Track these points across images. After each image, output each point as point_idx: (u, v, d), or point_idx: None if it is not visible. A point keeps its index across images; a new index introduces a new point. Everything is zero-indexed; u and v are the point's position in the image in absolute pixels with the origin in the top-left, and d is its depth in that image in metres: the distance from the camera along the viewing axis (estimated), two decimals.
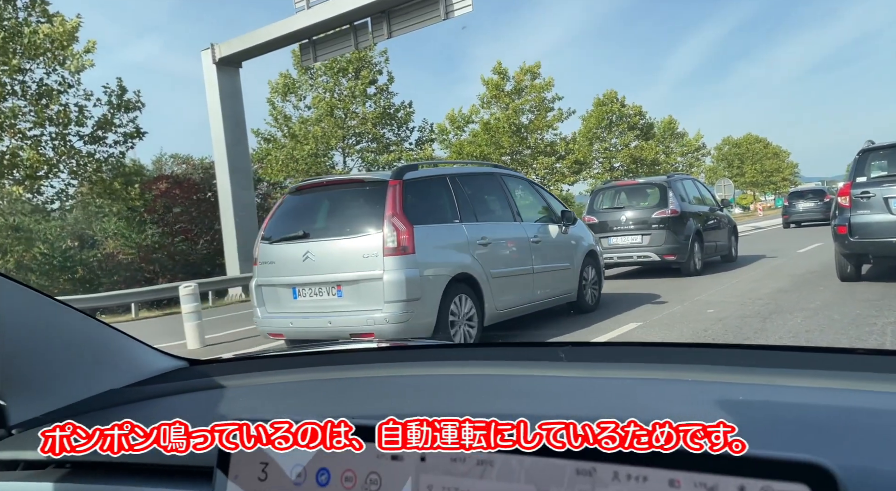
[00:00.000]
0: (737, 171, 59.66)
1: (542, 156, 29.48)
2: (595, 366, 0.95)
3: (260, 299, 5.49)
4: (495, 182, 6.15)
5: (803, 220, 22.38)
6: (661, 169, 38.41)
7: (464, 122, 30.25)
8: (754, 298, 6.80)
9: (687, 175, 11.49)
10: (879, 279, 7.42)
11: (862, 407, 0.70)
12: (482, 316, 5.41)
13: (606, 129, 37.92)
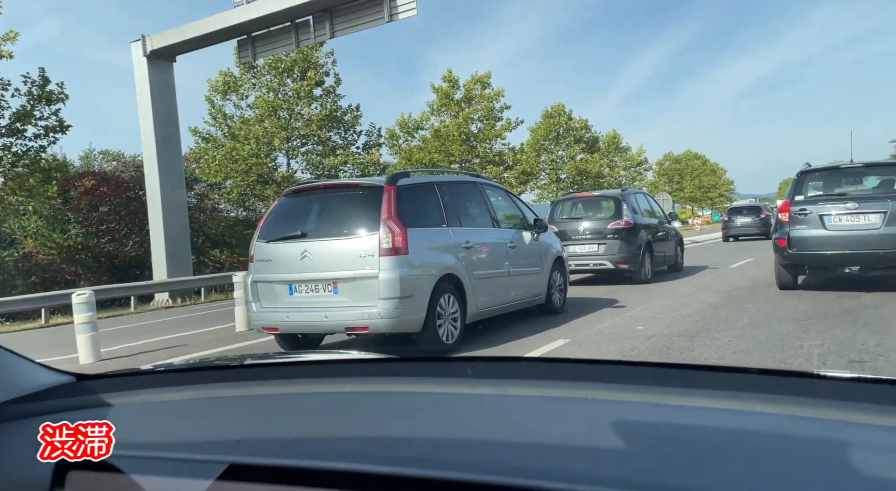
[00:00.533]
0: (676, 186, 63.27)
1: (491, 165, 30.57)
2: (502, 383, 0.97)
3: (255, 295, 6.02)
4: (476, 190, 6.90)
5: (741, 234, 24.66)
6: (605, 182, 40.47)
7: (414, 127, 31.25)
8: (684, 314, 6.95)
9: (639, 189, 12.73)
10: (814, 288, 8.63)
11: (747, 429, 0.73)
12: (465, 314, 6.12)
13: (554, 142, 39.92)
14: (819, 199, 8.15)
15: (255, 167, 25.73)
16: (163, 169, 17.13)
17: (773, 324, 6.10)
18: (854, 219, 7.79)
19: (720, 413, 0.80)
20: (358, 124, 27.96)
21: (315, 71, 26.47)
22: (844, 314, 6.44)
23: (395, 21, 14.53)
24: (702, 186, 67.45)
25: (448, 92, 30.69)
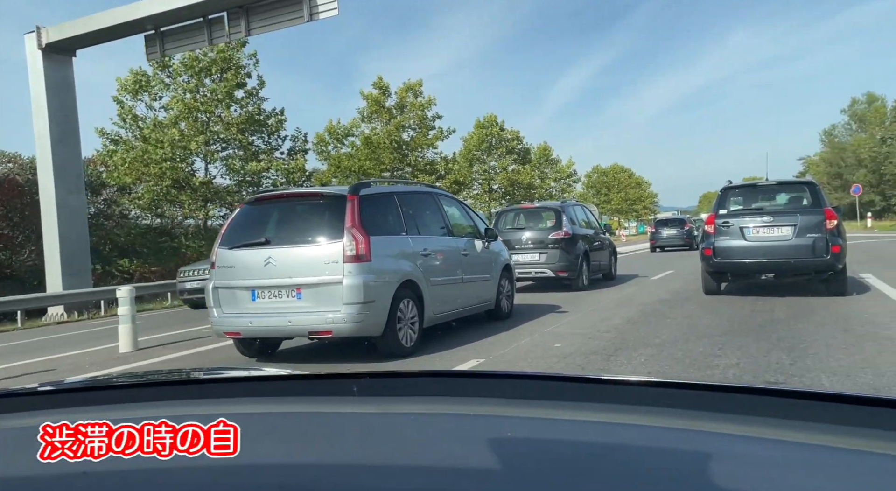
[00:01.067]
0: (604, 198, 66.17)
1: (422, 174, 31.12)
2: (388, 400, 0.97)
3: (216, 301, 6.35)
4: (432, 200, 7.48)
5: (667, 245, 26.96)
6: (536, 193, 41.90)
7: (343, 134, 31.50)
8: (602, 330, 7.03)
9: (576, 201, 13.80)
10: (731, 300, 9.70)
11: (620, 443, 0.77)
12: (422, 319, 6.66)
13: (486, 152, 41.25)
14: (740, 212, 9.27)
15: (170, 172, 25.13)
16: (59, 171, 16.45)
17: (691, 341, 6.14)
18: (769, 231, 8.91)
19: (601, 427, 0.83)
20: (282, 129, 27.91)
21: (235, 72, 26.16)
22: (759, 330, 6.54)
23: (315, 20, 14.32)
24: (628, 198, 71.25)
25: (378, 99, 31.14)
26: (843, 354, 5.28)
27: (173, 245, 26.29)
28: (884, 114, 57.30)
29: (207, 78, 26.19)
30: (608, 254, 13.46)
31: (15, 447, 0.89)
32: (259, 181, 27.02)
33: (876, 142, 53.98)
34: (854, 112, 61.97)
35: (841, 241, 8.71)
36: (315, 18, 14.45)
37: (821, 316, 7.25)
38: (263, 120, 27.21)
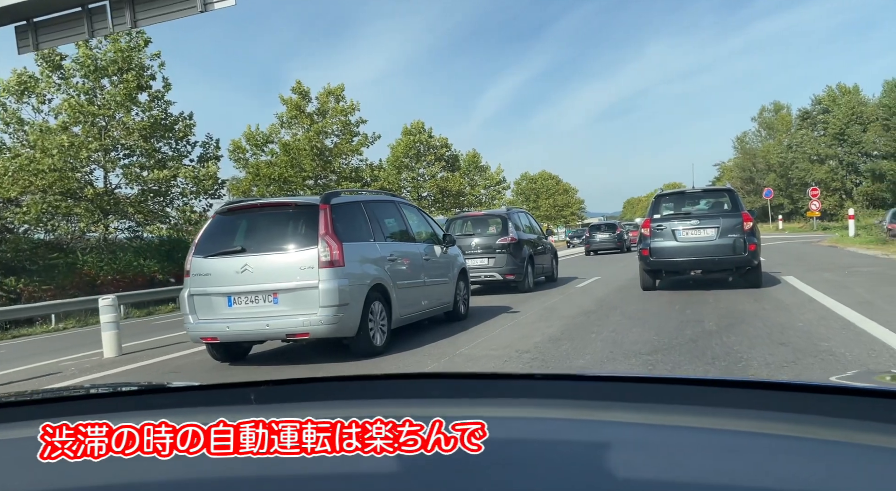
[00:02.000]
0: (533, 204, 67.96)
1: (347, 181, 30.63)
2: (287, 407, 0.99)
3: (191, 307, 6.62)
4: (395, 208, 7.98)
5: (600, 249, 29.14)
6: (465, 200, 42.56)
7: (262, 141, 30.82)
8: (521, 350, 6.52)
9: (520, 209, 14.75)
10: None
11: (525, 437, 0.82)
12: (391, 320, 7.10)
13: (414, 159, 41.52)
14: (671, 217, 10.65)
15: (59, 182, 23.13)
16: None
17: (619, 360, 5.85)
18: (697, 233, 10.26)
19: (509, 422, 0.87)
20: (191, 134, 25.93)
21: (137, 73, 24.37)
22: (691, 345, 6.17)
23: (209, 11, 13.07)
24: (556, 205, 73.98)
25: (298, 104, 30.53)
26: (788, 375, 4.88)
27: (68, 261, 23.25)
28: (789, 122, 61.71)
29: (105, 79, 24.47)
30: (550, 258, 14.53)
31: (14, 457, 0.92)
32: (167, 191, 25.40)
33: (783, 148, 57.90)
34: (763, 120, 66.52)
35: (756, 240, 10.12)
36: (209, 9, 12.62)
37: (754, 327, 6.81)
38: (170, 125, 25.35)
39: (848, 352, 5.38)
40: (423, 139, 41.73)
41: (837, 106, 51.63)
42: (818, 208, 38.24)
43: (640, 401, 0.92)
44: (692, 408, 0.89)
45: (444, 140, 42.91)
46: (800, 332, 6.42)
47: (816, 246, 23.40)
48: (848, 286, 9.77)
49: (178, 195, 25.61)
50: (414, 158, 41.82)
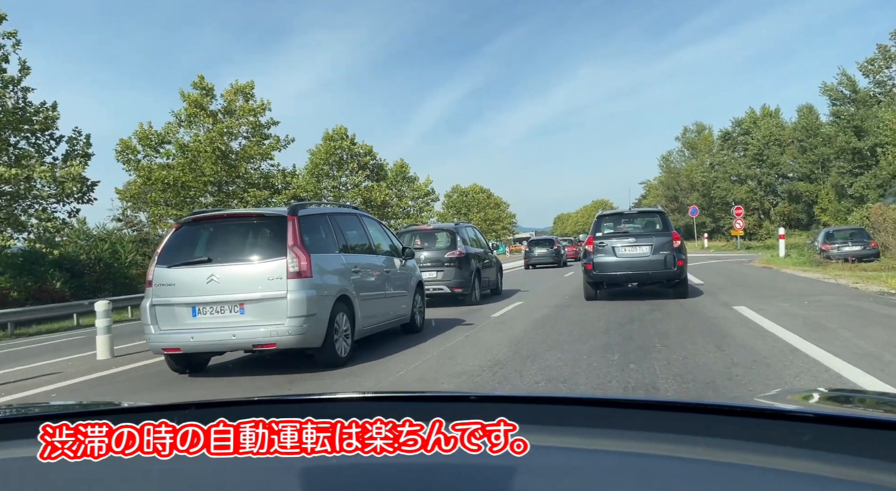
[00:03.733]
0: (464, 217, 68.25)
1: (255, 188, 27.81)
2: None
3: (153, 318, 6.59)
4: (357, 221, 8.15)
5: (539, 263, 30.02)
6: (391, 211, 41.40)
7: (158, 141, 27.10)
8: (482, 366, 6.39)
9: (468, 223, 15.15)
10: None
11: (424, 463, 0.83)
12: (353, 331, 7.24)
13: (336, 167, 39.77)
14: (611, 235, 11.89)
15: None
16: None
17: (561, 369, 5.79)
18: (633, 249, 11.51)
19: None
20: (54, 127, 21.72)
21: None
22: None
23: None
24: (487, 218, 74.85)
25: (199, 101, 27.04)
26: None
27: None
28: (711, 142, 64.67)
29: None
30: (495, 271, 15.01)
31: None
32: (25, 193, 20.94)
33: (706, 168, 60.36)
34: (686, 140, 69.52)
35: (684, 256, 11.52)
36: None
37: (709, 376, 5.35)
38: (28, 116, 21.07)
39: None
40: (346, 146, 39.72)
41: (757, 128, 54.47)
42: (742, 227, 39.62)
43: (561, 423, 0.93)
44: (612, 431, 0.89)
45: (369, 148, 41.04)
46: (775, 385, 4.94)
47: (750, 267, 22.84)
48: (825, 326, 7.65)
49: (36, 199, 21.42)
50: (335, 166, 39.89)
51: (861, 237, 21.78)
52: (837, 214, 43.25)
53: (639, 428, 0.89)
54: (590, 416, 0.96)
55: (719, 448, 0.81)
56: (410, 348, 7.91)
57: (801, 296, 11.52)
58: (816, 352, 6.08)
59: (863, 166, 40.81)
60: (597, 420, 0.94)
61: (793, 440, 0.81)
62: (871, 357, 5.77)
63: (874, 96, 41.54)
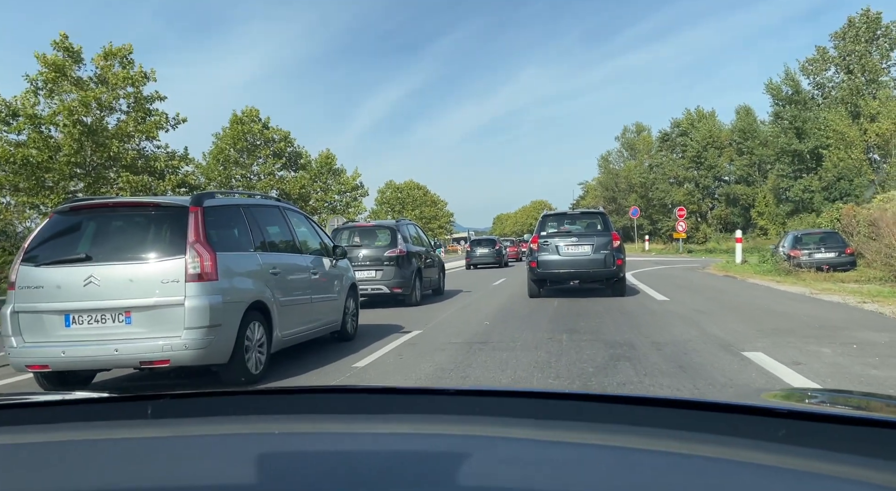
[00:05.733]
0: (398, 214, 65.67)
1: (130, 172, 22.03)
2: (186, 422, 0.94)
3: (15, 328, 5.29)
4: (279, 214, 6.96)
5: (481, 263, 29.09)
6: (314, 205, 37.13)
7: (9, 113, 20.56)
8: (416, 377, 5.94)
9: (409, 220, 14.17)
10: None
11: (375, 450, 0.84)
12: (270, 343, 6.09)
13: (246, 153, 34.95)
14: (554, 234, 12.01)
15: None
16: None
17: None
18: (575, 248, 11.68)
19: (354, 437, 0.89)
20: None
21: None
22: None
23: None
24: (423, 217, 70.73)
25: (61, 65, 21.06)
26: None
27: None
28: (650, 143, 64.47)
29: None
30: (438, 271, 14.14)
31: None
32: None
33: (644, 169, 60.39)
34: (626, 140, 69.08)
35: (622, 255, 11.77)
36: None
37: None
38: None
39: None
40: (257, 130, 34.52)
41: (696, 129, 54.36)
42: (684, 230, 38.44)
43: (515, 416, 0.92)
44: (577, 424, 0.89)
45: (285, 133, 36.08)
46: None
47: (709, 276, 19.18)
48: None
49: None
50: (245, 152, 34.76)
51: (834, 242, 18.56)
52: (775, 218, 43.57)
53: (617, 421, 0.89)
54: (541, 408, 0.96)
55: (696, 442, 0.81)
56: (339, 361, 6.83)
57: (825, 329, 7.76)
58: None
59: (803, 169, 41.27)
60: (561, 413, 0.94)
61: (767, 435, 0.82)
62: None
63: (814, 99, 42.20)
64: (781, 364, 5.82)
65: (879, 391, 5.41)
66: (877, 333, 7.50)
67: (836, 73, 40.99)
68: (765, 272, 18.06)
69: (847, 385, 5.33)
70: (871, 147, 36.59)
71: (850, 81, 39.28)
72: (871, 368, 5.68)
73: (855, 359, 6.07)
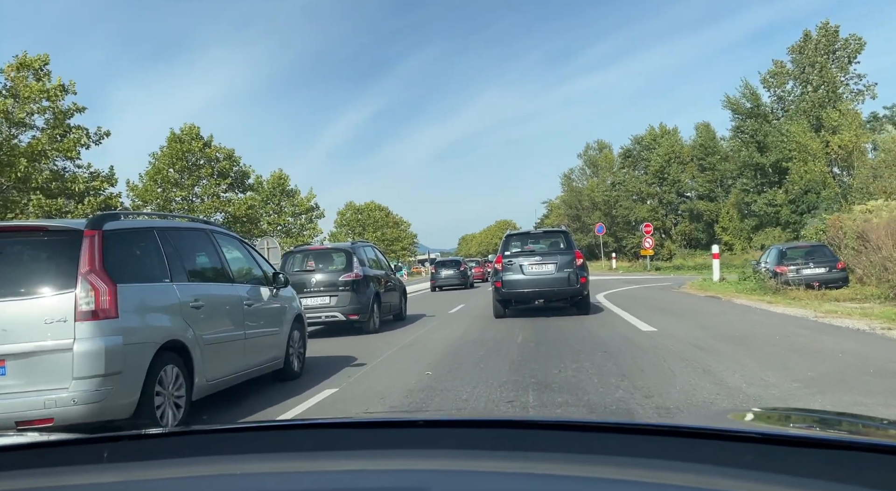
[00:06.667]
0: (358, 237, 61.68)
1: (41, 193, 19.21)
2: (141, 466, 0.90)
3: None
4: (206, 239, 5.96)
5: (446, 285, 27.89)
6: (256, 230, 34.19)
7: None
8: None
9: (367, 242, 13.31)
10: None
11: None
12: (191, 389, 5.06)
13: (186, 173, 32.16)
14: (518, 254, 11.82)
15: None
16: None
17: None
18: (539, 267, 11.46)
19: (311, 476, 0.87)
20: None
21: None
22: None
23: None
24: (385, 238, 66.43)
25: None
26: None
27: None
28: (612, 160, 64.08)
29: None
30: (399, 295, 13.22)
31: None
32: None
33: (607, 186, 60.10)
34: (588, 157, 68.46)
35: (586, 273, 11.65)
36: None
37: None
38: None
39: None
40: (197, 148, 31.79)
41: (658, 145, 53.94)
42: (651, 246, 35.85)
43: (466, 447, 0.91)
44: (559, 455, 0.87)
45: (229, 152, 33.33)
46: None
47: (688, 296, 16.95)
48: None
49: None
50: (185, 172, 31.89)
51: (823, 257, 16.47)
52: (740, 233, 43.22)
53: (585, 451, 0.87)
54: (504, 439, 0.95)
55: (664, 470, 0.78)
56: (278, 405, 5.80)
57: (885, 376, 5.69)
58: None
59: (766, 183, 41.09)
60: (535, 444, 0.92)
61: (734, 461, 0.79)
62: None
63: (774, 112, 42.30)
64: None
65: None
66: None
67: (795, 87, 41.04)
68: (749, 291, 16.12)
69: None
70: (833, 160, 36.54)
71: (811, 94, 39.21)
72: None
73: None
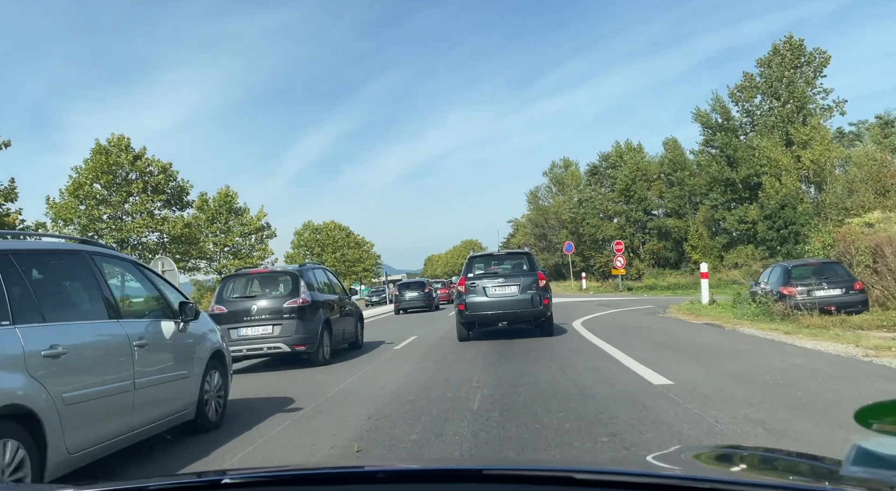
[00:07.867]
0: (317, 258, 58.55)
1: None
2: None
3: None
4: (82, 264, 4.49)
5: (410, 307, 26.21)
6: (196, 251, 32.24)
7: None
8: None
9: (318, 264, 11.89)
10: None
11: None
12: (43, 466, 3.65)
13: (113, 189, 29.40)
14: (482, 276, 11.56)
15: None
16: None
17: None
18: (503, 289, 11.21)
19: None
20: None
21: None
22: None
23: None
24: (345, 259, 62.40)
25: None
26: None
27: None
28: (579, 177, 62.96)
29: None
30: (355, 321, 11.89)
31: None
32: None
33: (574, 204, 58.78)
34: (554, 175, 67.25)
35: (549, 294, 11.41)
36: None
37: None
38: None
39: None
40: (126, 161, 28.93)
41: (624, 162, 52.35)
42: (623, 265, 34.03)
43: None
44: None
45: (164, 165, 30.49)
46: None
47: (682, 323, 13.44)
48: None
49: None
50: (112, 188, 29.06)
51: (836, 276, 13.54)
52: (710, 251, 41.99)
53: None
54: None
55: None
56: (197, 462, 4.47)
57: None
58: None
59: (736, 199, 40.20)
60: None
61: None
62: None
63: (743, 127, 41.73)
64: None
65: None
66: None
67: (764, 101, 40.18)
68: (751, 317, 12.98)
69: None
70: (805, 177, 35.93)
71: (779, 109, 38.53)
72: None
73: None
